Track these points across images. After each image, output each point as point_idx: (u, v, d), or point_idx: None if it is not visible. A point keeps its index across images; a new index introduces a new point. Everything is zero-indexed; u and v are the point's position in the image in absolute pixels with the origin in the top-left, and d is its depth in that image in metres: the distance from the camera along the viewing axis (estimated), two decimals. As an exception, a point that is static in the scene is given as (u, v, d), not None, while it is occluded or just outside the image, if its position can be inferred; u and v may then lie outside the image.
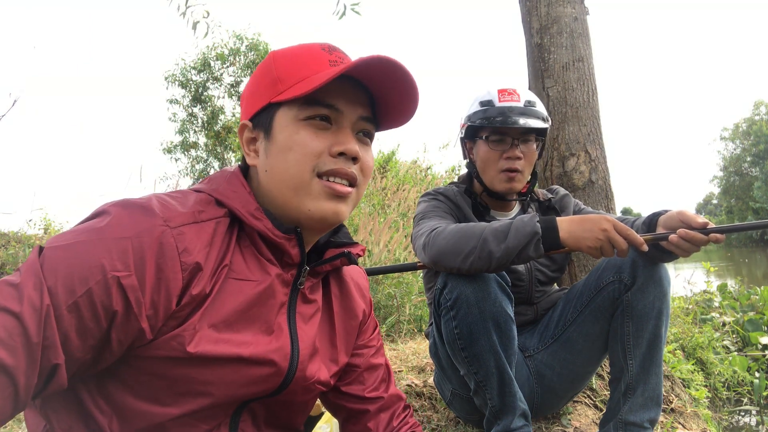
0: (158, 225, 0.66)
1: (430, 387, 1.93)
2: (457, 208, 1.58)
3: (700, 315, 3.99)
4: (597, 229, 1.21)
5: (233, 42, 13.55)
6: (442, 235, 1.33)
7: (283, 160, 0.76)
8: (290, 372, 0.80)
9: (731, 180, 44.45)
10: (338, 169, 0.77)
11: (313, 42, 0.82)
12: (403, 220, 5.26)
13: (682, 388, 2.21)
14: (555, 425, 1.69)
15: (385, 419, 0.98)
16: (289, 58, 0.79)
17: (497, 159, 1.55)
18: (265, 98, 0.78)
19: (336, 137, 0.77)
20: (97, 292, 0.61)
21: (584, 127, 2.36)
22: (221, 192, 0.76)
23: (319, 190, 0.77)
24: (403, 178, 7.12)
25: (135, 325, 0.64)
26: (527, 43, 2.56)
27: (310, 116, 0.76)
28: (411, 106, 0.83)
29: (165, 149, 14.23)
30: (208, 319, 0.70)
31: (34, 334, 0.57)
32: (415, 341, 2.89)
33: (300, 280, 0.82)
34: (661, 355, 1.39)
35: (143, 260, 0.64)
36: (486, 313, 1.30)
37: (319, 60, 0.79)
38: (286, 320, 0.80)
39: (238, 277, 0.74)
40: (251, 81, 0.83)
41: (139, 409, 0.69)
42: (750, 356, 3.36)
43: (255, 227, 0.75)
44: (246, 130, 0.81)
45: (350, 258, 0.88)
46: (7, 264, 3.74)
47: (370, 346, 1.00)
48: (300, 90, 0.74)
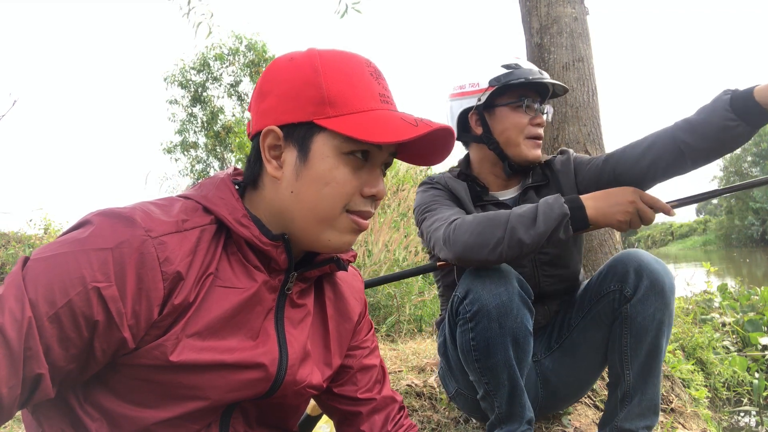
0: (139, 235, 0.65)
1: (430, 387, 1.93)
2: (454, 194, 1.50)
3: (700, 315, 3.99)
4: (625, 202, 1.17)
5: (232, 41, 13.55)
6: (462, 227, 1.25)
7: (316, 191, 0.74)
8: (279, 376, 0.79)
9: (731, 180, 44.43)
10: (367, 211, 0.79)
11: (357, 54, 0.79)
12: (402, 220, 5.26)
13: (682, 388, 2.21)
14: (555, 425, 1.69)
15: (379, 422, 0.97)
16: (340, 75, 0.74)
17: (526, 125, 1.45)
18: (308, 114, 0.73)
19: (369, 176, 0.78)
20: (77, 302, 0.61)
21: (584, 127, 2.36)
22: (209, 199, 0.75)
23: (346, 225, 0.78)
24: (403, 178, 7.12)
25: (117, 335, 0.64)
26: (527, 43, 2.55)
27: (353, 151, 0.74)
28: (438, 159, 0.84)
29: (165, 149, 14.23)
30: (192, 327, 0.69)
31: (15, 345, 0.58)
32: (415, 341, 2.89)
33: (288, 286, 0.81)
34: (661, 364, 1.36)
35: (123, 271, 0.64)
36: (506, 329, 1.25)
37: (369, 90, 0.76)
38: (274, 325, 0.79)
39: (224, 285, 0.73)
40: (286, 80, 0.76)
41: (128, 414, 0.69)
42: (750, 356, 3.36)
43: (241, 234, 0.74)
44: (272, 136, 0.75)
45: (339, 264, 0.87)
46: (7, 264, 3.74)
47: (364, 347, 0.99)
48: (357, 132, 0.71)
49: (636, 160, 1.32)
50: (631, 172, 1.33)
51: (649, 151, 1.29)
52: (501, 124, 1.47)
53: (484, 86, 1.45)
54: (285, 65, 0.77)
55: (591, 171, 1.46)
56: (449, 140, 0.80)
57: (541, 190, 1.53)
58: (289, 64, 0.77)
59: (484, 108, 1.48)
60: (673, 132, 1.25)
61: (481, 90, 1.46)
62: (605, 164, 1.41)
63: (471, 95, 1.48)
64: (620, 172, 1.36)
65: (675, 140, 1.24)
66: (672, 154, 1.25)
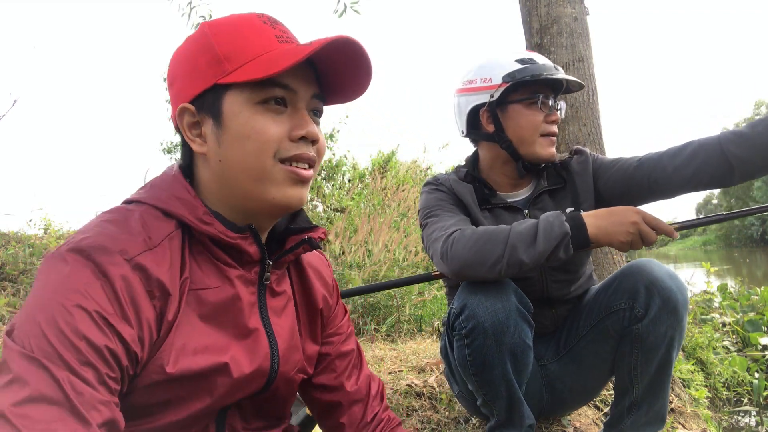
0: (120, 267, 0.63)
1: (430, 387, 1.93)
2: (458, 197, 1.45)
3: (700, 315, 3.99)
4: (627, 222, 1.14)
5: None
6: (461, 242, 1.22)
7: (240, 149, 0.72)
8: (273, 369, 0.79)
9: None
10: (301, 154, 0.74)
11: (249, 12, 0.77)
12: (403, 220, 5.26)
13: (682, 388, 2.21)
14: (555, 425, 1.69)
15: (359, 413, 0.95)
16: (231, 32, 0.73)
17: (541, 123, 1.39)
18: (210, 79, 0.72)
19: (294, 120, 0.74)
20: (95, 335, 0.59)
21: (584, 127, 2.36)
22: (164, 200, 0.72)
23: (284, 177, 0.74)
24: (403, 178, 7.11)
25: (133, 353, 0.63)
26: (527, 43, 2.55)
27: (265, 99, 0.72)
28: (364, 82, 0.80)
29: (165, 149, 14.21)
30: (181, 336, 0.68)
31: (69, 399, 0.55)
32: (415, 341, 2.89)
33: (266, 276, 0.79)
34: (670, 376, 1.33)
35: (121, 304, 0.62)
36: (504, 345, 1.22)
37: (264, 35, 0.74)
38: (260, 319, 0.78)
39: (198, 287, 0.71)
40: (184, 57, 0.76)
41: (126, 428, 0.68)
42: (750, 357, 3.36)
43: (206, 233, 0.71)
44: (186, 114, 0.74)
45: (312, 243, 0.84)
46: (7, 264, 3.74)
47: (340, 333, 0.97)
48: (257, 72, 0.69)
49: (677, 167, 1.28)
50: (670, 179, 1.29)
51: (693, 159, 1.25)
52: (515, 122, 1.40)
53: (498, 82, 1.38)
54: (181, 47, 0.77)
55: (619, 174, 1.40)
56: (362, 57, 0.75)
57: (556, 194, 1.48)
58: (183, 44, 0.77)
59: (497, 105, 1.41)
60: (721, 143, 1.21)
61: (494, 86, 1.39)
62: (637, 170, 1.36)
63: (482, 91, 1.41)
64: (656, 177, 1.31)
65: (724, 152, 1.20)
66: (720, 166, 1.21)
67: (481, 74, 1.42)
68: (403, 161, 8.26)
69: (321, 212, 6.06)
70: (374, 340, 3.05)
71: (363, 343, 2.91)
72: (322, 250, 1.01)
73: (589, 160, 1.48)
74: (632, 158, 1.40)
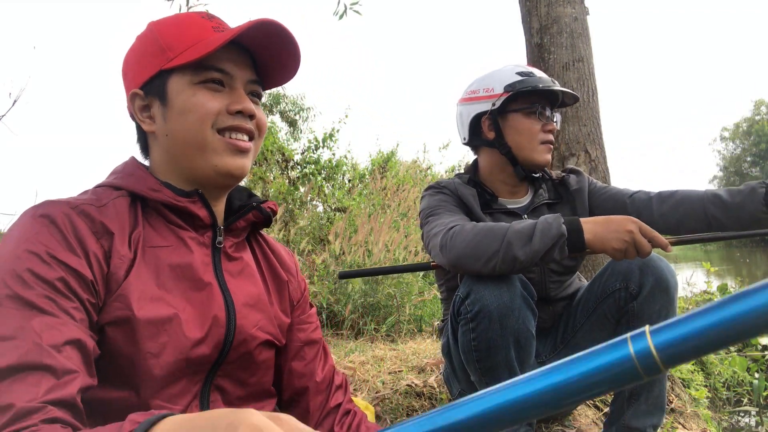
0: (64, 210, 0.71)
1: (430, 387, 1.94)
2: (462, 200, 1.50)
3: (700, 315, 3.98)
4: (623, 231, 1.19)
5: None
6: (460, 236, 1.27)
7: (183, 121, 0.80)
8: (230, 321, 0.82)
9: (731, 180, 44.44)
10: (237, 124, 0.82)
11: (191, 11, 0.88)
12: (403, 220, 5.26)
13: (682, 388, 2.21)
14: (555, 425, 1.69)
15: (322, 401, 0.98)
16: (172, 26, 0.83)
17: (538, 131, 1.50)
18: (155, 66, 0.81)
19: (231, 97, 0.82)
20: (45, 272, 0.65)
21: (584, 127, 2.36)
22: (118, 179, 0.81)
23: (223, 146, 0.81)
24: (403, 178, 7.12)
25: (89, 279, 0.69)
26: (527, 43, 2.56)
27: (204, 80, 0.80)
28: (294, 64, 0.88)
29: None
30: (139, 284, 0.73)
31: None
32: (415, 341, 2.89)
33: (218, 239, 0.85)
34: None
35: (66, 238, 0.69)
36: (508, 329, 1.25)
37: (202, 27, 0.83)
38: (214, 277, 0.83)
39: (153, 245, 0.78)
40: (132, 52, 0.86)
41: (108, 397, 0.70)
42: (750, 357, 3.36)
43: (156, 198, 0.79)
44: (137, 98, 0.84)
45: (261, 210, 0.91)
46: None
47: (311, 322, 1.02)
48: (192, 55, 0.78)
49: (663, 214, 1.43)
50: (655, 223, 1.39)
51: (677, 210, 1.40)
52: (514, 129, 1.51)
53: (499, 91, 1.49)
54: (130, 47, 0.87)
55: (611, 201, 1.52)
56: (288, 40, 0.83)
57: (555, 207, 1.56)
58: (133, 43, 0.87)
59: (498, 113, 1.51)
60: (704, 203, 1.37)
61: (496, 95, 1.50)
62: (629, 205, 1.48)
63: (484, 100, 1.52)
64: (644, 220, 1.35)
65: (706, 212, 1.36)
66: (700, 221, 1.37)
67: (483, 84, 1.54)
68: (403, 161, 8.27)
69: (321, 212, 6.06)
70: (374, 340, 3.06)
71: (363, 343, 2.92)
72: (321, 249, 1.04)
73: (585, 181, 1.59)
74: (625, 190, 1.54)
